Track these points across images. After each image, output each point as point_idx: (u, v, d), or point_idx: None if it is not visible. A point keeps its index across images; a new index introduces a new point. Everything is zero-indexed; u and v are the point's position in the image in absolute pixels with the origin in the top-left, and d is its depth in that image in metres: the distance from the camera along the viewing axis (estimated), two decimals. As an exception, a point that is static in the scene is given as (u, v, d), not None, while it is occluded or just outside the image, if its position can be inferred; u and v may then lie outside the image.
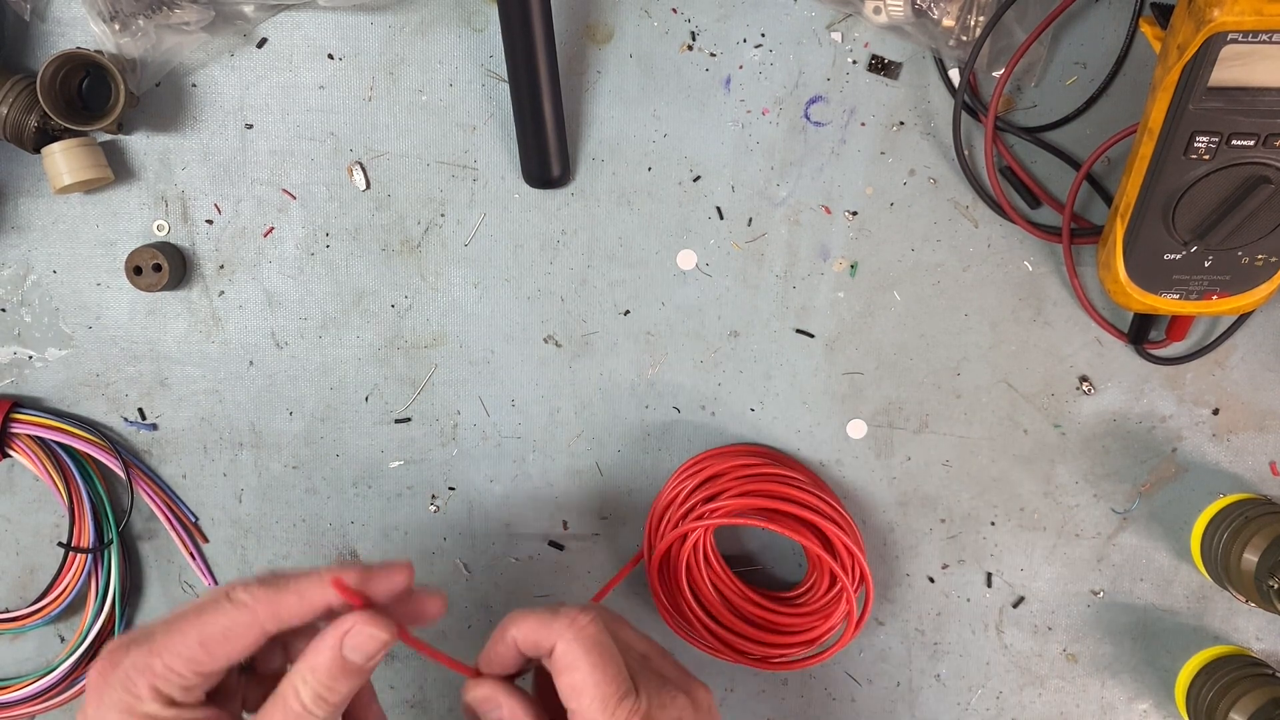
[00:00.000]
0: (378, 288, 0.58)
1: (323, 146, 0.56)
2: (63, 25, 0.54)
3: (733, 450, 0.58)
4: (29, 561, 0.61)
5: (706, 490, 0.55)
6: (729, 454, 0.57)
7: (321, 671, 0.40)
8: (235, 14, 0.54)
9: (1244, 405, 0.58)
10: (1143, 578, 0.60)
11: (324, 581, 0.41)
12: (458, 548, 0.61)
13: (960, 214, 0.56)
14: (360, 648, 0.41)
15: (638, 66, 0.55)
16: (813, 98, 0.55)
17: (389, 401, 0.59)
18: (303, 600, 0.41)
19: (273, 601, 0.40)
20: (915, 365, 0.58)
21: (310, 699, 0.40)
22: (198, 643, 0.40)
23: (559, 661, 0.42)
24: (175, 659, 0.39)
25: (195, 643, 0.40)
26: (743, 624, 0.56)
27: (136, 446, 0.60)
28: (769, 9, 0.54)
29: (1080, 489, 0.59)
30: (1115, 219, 0.51)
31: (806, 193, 0.56)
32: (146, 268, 0.56)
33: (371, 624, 0.41)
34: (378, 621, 0.41)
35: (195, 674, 0.40)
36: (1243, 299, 0.51)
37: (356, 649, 0.41)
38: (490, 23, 0.55)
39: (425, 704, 0.63)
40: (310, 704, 0.40)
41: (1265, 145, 0.45)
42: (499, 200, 0.57)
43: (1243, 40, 0.42)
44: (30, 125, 0.53)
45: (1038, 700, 0.61)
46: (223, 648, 0.40)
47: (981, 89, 0.55)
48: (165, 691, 0.40)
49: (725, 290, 0.57)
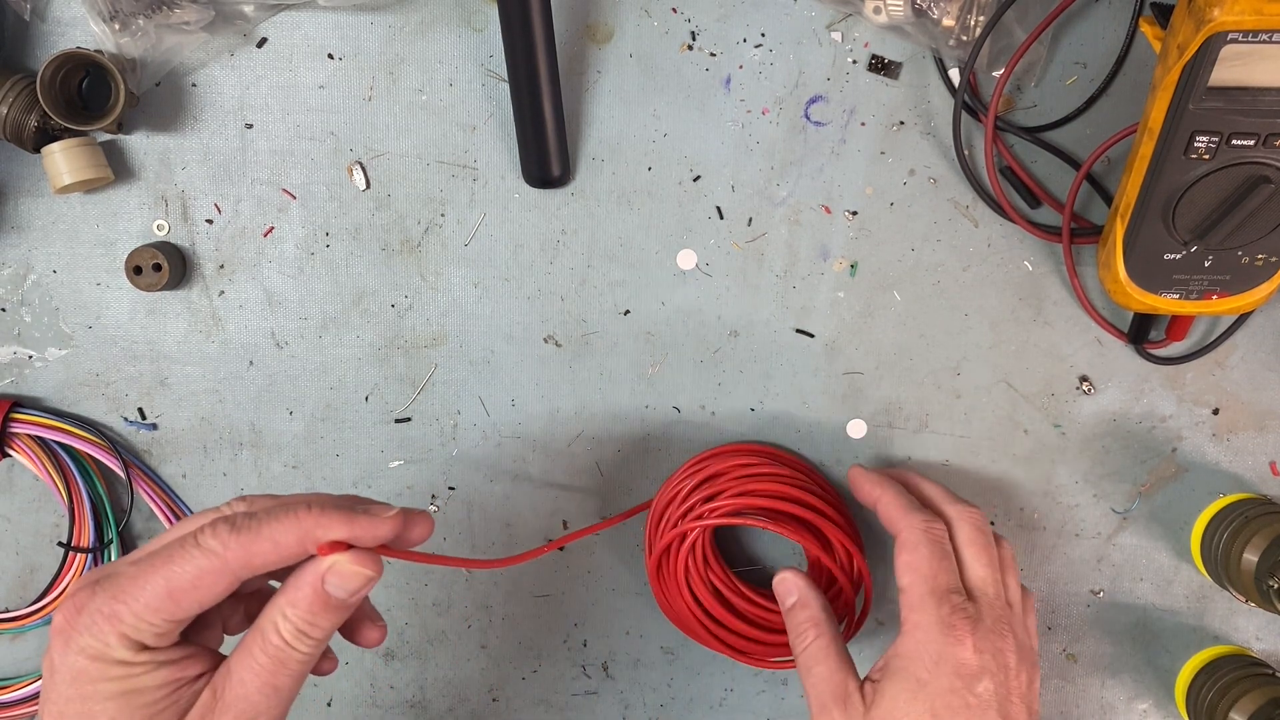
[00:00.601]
0: (378, 288, 0.58)
1: (323, 146, 0.56)
2: (63, 25, 0.54)
3: (733, 449, 0.58)
4: (29, 561, 0.61)
5: (706, 490, 0.55)
6: (729, 453, 0.57)
7: (303, 606, 0.39)
8: (235, 14, 0.54)
9: (1244, 405, 0.58)
10: (1143, 578, 0.60)
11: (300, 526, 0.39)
12: (458, 548, 0.61)
13: (960, 214, 0.56)
14: (343, 584, 0.39)
15: (638, 66, 0.55)
16: (813, 98, 0.55)
17: (389, 401, 0.59)
18: (277, 549, 0.39)
19: (245, 549, 0.38)
20: (915, 365, 0.58)
21: (290, 634, 0.39)
22: (165, 592, 0.38)
23: (902, 539, 0.49)
24: (144, 608, 0.38)
25: (163, 592, 0.38)
26: (742, 624, 0.56)
27: (136, 446, 0.60)
28: (769, 9, 0.54)
29: (1080, 489, 0.59)
30: (1115, 219, 0.51)
31: (806, 193, 0.56)
32: (146, 268, 0.56)
33: (356, 560, 0.39)
34: (362, 558, 0.39)
35: (165, 621, 0.38)
36: (1243, 299, 0.51)
37: (340, 585, 0.39)
38: (490, 23, 0.55)
39: (425, 704, 0.63)
40: (291, 639, 0.39)
41: (1265, 145, 0.45)
42: (499, 200, 0.57)
43: (1243, 40, 0.42)
44: (30, 125, 0.53)
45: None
46: (191, 595, 0.38)
47: (981, 89, 0.55)
48: (136, 639, 0.38)
49: (725, 290, 0.57)
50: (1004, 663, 0.46)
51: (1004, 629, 0.47)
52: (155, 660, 0.38)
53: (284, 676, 0.39)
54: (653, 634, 0.61)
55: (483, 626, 0.62)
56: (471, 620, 0.62)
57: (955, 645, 0.46)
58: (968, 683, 0.45)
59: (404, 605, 0.61)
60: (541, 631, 0.62)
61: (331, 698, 0.62)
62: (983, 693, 0.45)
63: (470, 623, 0.62)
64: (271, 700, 0.39)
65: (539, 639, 0.62)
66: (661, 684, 0.62)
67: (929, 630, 0.46)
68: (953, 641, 0.46)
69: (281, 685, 0.39)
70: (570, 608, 0.61)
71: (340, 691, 0.62)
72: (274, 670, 0.39)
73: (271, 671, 0.39)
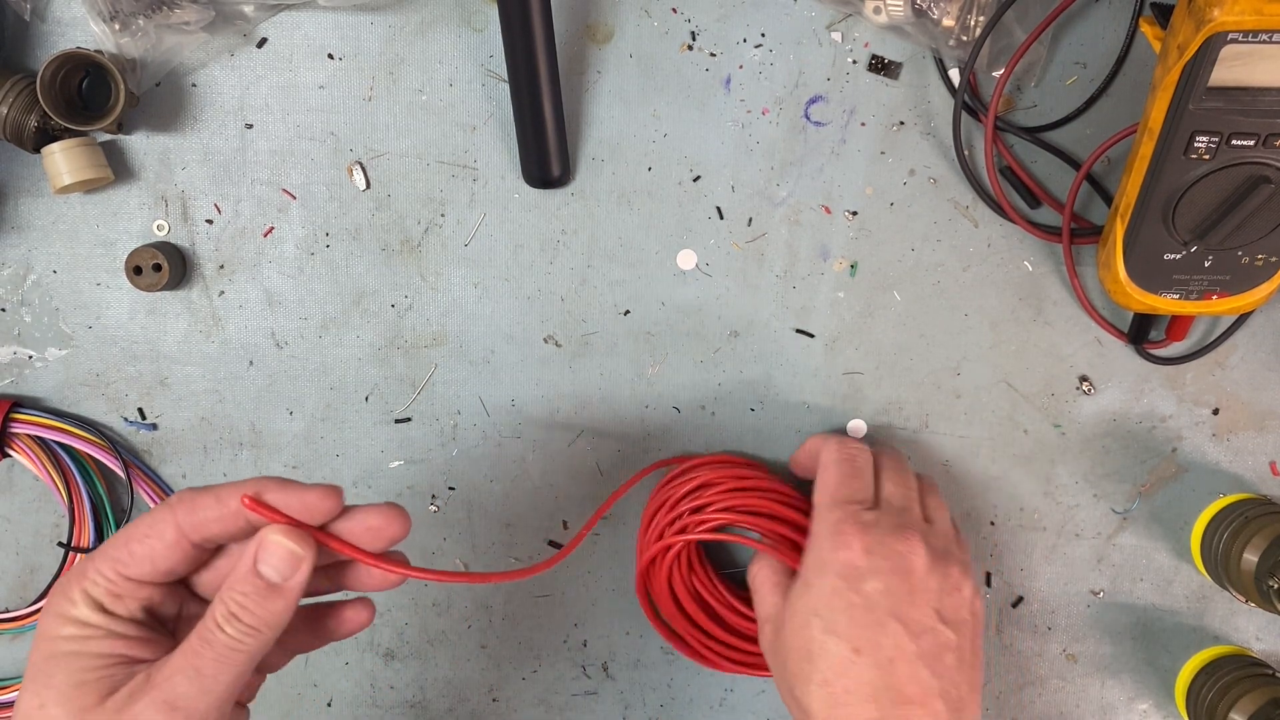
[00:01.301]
0: (378, 288, 0.58)
1: (323, 146, 0.56)
2: (63, 25, 0.54)
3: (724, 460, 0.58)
4: (29, 561, 0.61)
5: (694, 500, 0.54)
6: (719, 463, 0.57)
7: (236, 588, 0.38)
8: (235, 14, 0.54)
9: (1244, 405, 0.58)
10: (1143, 578, 0.60)
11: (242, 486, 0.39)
12: (458, 548, 0.61)
13: (960, 214, 0.56)
14: (275, 565, 0.38)
15: (638, 66, 0.55)
16: (813, 98, 0.55)
17: (389, 401, 0.59)
18: (220, 504, 0.39)
19: (191, 503, 0.39)
20: (915, 365, 0.58)
21: (221, 616, 0.38)
22: (123, 545, 0.39)
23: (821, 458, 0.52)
24: (101, 561, 0.38)
25: (119, 544, 0.39)
26: (730, 635, 0.56)
27: (136, 446, 0.60)
28: (769, 9, 0.54)
29: (1080, 489, 0.59)
30: (1115, 219, 0.51)
31: (806, 193, 0.56)
32: (146, 268, 0.56)
33: (284, 535, 0.38)
34: (292, 534, 0.38)
35: (120, 576, 0.38)
36: (1243, 299, 0.51)
37: (272, 566, 0.38)
38: (490, 23, 0.55)
39: (425, 704, 0.63)
40: (221, 621, 0.38)
41: (1265, 145, 0.45)
42: (499, 200, 0.57)
43: (1243, 40, 0.42)
44: (30, 125, 0.53)
45: (1038, 700, 0.61)
46: (142, 547, 0.39)
47: (981, 89, 0.55)
48: (94, 596, 0.38)
49: (725, 290, 0.57)
50: (904, 565, 0.47)
51: (908, 535, 0.48)
52: (110, 629, 0.39)
53: (209, 660, 0.38)
54: (653, 634, 0.61)
55: (483, 626, 0.62)
56: (471, 620, 0.62)
57: (841, 549, 0.47)
58: (851, 582, 0.46)
59: (404, 605, 0.61)
60: (541, 631, 0.62)
61: (331, 698, 0.62)
62: (870, 592, 0.46)
63: (470, 623, 0.62)
64: (196, 685, 0.38)
65: (539, 639, 0.62)
66: (661, 684, 0.62)
67: (819, 536, 0.48)
68: (839, 545, 0.47)
69: (206, 670, 0.38)
70: (570, 608, 0.61)
71: (340, 691, 0.62)
72: (199, 653, 0.38)
73: (197, 654, 0.38)
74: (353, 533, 0.40)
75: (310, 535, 0.39)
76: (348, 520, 0.40)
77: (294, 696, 0.62)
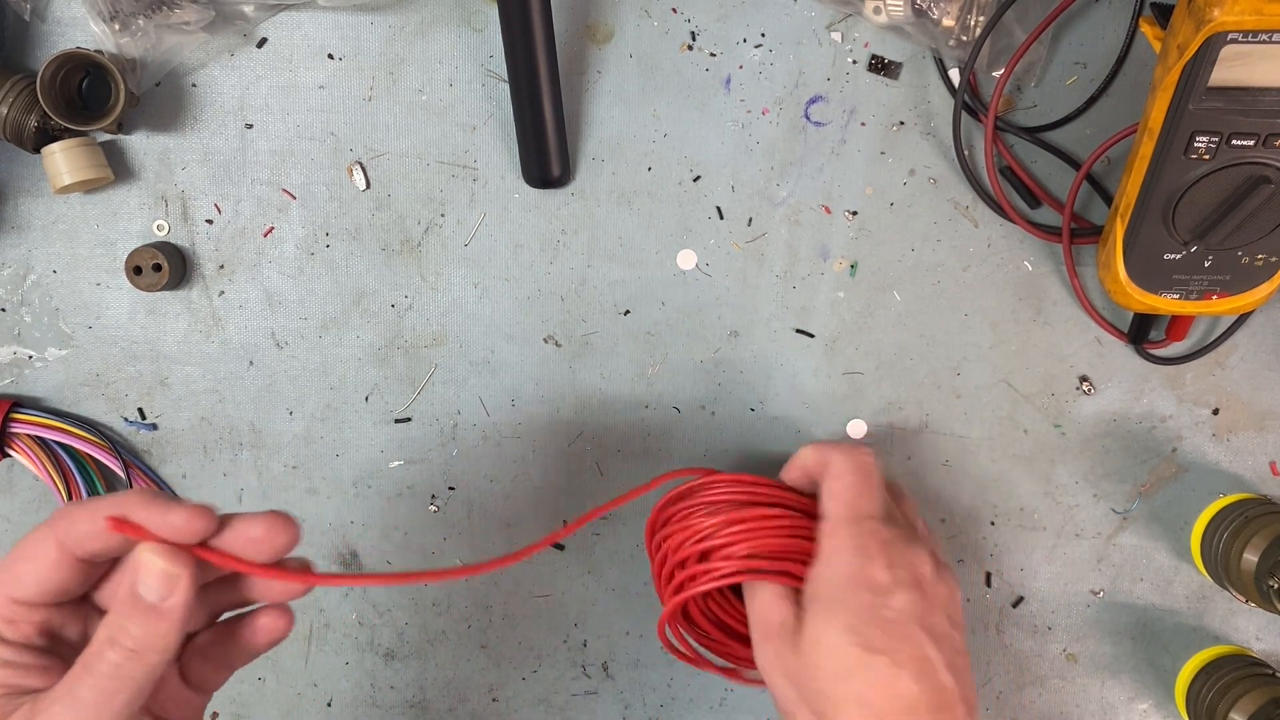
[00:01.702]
0: (378, 288, 0.58)
1: (323, 146, 0.56)
2: (63, 25, 0.54)
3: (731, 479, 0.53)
4: (29, 561, 0.61)
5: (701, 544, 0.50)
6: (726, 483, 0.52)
7: (115, 610, 0.37)
8: (235, 14, 0.54)
9: (1244, 405, 0.58)
10: (1143, 578, 0.60)
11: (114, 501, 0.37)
12: (458, 548, 0.61)
13: (960, 214, 0.56)
14: (151, 585, 0.36)
15: (638, 66, 0.55)
16: (813, 98, 0.55)
17: (389, 401, 0.59)
18: (94, 519, 0.36)
19: (69, 519, 0.37)
20: (915, 365, 0.58)
21: (103, 639, 0.36)
22: (8, 568, 0.37)
23: (830, 468, 0.49)
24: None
25: (6, 569, 0.37)
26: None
27: (136, 446, 0.60)
28: (769, 9, 0.54)
29: (1080, 489, 0.59)
30: (1115, 219, 0.51)
31: (806, 193, 0.56)
32: (146, 268, 0.56)
33: (157, 554, 0.36)
34: (166, 552, 0.37)
35: (9, 600, 0.37)
36: (1243, 299, 0.51)
37: (147, 586, 0.36)
38: (490, 23, 0.55)
39: (425, 704, 0.63)
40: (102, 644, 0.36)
41: (1265, 145, 0.45)
42: (499, 200, 0.57)
43: (1243, 40, 0.42)
44: (30, 125, 0.53)
45: (1038, 700, 0.61)
46: (25, 566, 0.37)
47: (981, 89, 0.55)
48: None
49: (725, 290, 0.57)
50: (918, 576, 0.47)
51: (917, 546, 0.48)
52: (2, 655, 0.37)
53: (89, 688, 0.36)
54: (653, 634, 0.61)
55: (483, 626, 0.62)
56: (471, 620, 0.62)
57: (868, 565, 0.47)
58: (883, 598, 0.46)
59: (404, 605, 0.61)
60: (541, 631, 0.62)
61: (331, 698, 0.62)
62: (900, 606, 0.46)
63: (470, 623, 0.62)
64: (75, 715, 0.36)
65: (539, 639, 0.62)
66: (661, 684, 0.62)
67: (841, 551, 0.48)
68: (866, 562, 0.47)
69: (86, 698, 0.36)
70: (570, 608, 0.61)
71: (340, 691, 0.62)
72: (80, 680, 0.36)
73: (78, 681, 0.36)
74: (234, 545, 0.38)
75: (187, 552, 0.37)
76: (229, 532, 0.38)
77: (294, 696, 0.62)
